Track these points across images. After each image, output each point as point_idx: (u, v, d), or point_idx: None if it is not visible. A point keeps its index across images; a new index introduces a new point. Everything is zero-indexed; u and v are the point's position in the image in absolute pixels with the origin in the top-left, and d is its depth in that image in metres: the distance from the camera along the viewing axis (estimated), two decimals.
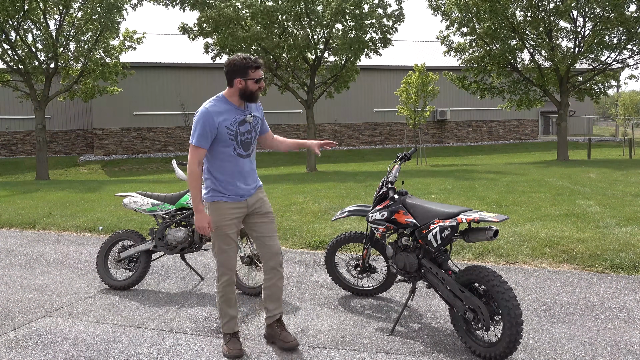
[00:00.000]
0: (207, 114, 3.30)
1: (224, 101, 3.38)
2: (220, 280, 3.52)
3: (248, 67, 3.31)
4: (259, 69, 3.35)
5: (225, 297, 3.53)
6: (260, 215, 3.58)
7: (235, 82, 3.34)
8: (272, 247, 3.58)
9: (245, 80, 3.33)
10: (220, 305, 3.55)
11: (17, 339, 3.82)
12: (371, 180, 13.49)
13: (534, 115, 33.94)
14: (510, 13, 19.73)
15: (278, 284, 3.61)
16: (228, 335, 3.55)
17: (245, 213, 3.53)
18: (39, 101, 19.34)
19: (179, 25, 19.03)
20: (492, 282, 3.25)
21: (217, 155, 3.39)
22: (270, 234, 3.59)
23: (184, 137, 27.87)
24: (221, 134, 3.33)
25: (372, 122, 30.99)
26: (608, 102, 58.82)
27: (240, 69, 3.32)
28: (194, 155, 3.32)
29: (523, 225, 6.82)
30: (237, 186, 3.45)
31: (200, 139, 3.30)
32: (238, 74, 3.32)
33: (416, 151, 10.43)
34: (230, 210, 3.45)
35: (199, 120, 3.31)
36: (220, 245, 3.47)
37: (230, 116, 3.36)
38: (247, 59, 3.33)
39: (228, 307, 3.54)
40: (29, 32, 19.30)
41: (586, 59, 20.55)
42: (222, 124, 3.32)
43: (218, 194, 3.43)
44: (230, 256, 3.50)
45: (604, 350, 3.40)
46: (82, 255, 6.39)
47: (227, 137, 3.34)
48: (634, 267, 5.10)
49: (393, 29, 19.19)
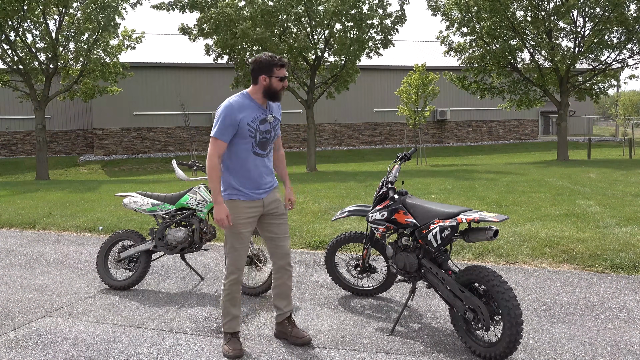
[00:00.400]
0: (231, 108, 3.32)
1: (247, 98, 3.40)
2: (228, 278, 3.51)
3: (273, 64, 3.35)
4: (283, 67, 3.39)
5: (230, 296, 3.53)
6: (276, 217, 3.60)
7: (260, 79, 3.37)
8: (284, 247, 3.63)
9: (270, 77, 3.36)
10: (224, 303, 3.54)
11: (17, 339, 3.82)
12: (371, 180, 13.49)
13: (534, 115, 33.94)
14: (511, 13, 19.73)
15: (287, 282, 3.66)
16: (229, 334, 3.55)
17: (260, 212, 3.53)
18: (39, 101, 19.33)
19: (179, 27, 19.03)
20: (492, 282, 3.25)
21: (235, 152, 3.40)
22: (283, 235, 3.63)
23: (184, 137, 27.88)
24: (242, 129, 3.34)
25: (372, 122, 30.98)
26: (608, 102, 58.82)
27: (266, 66, 3.35)
28: (214, 147, 3.33)
29: (523, 225, 6.82)
30: (253, 184, 3.45)
31: (221, 131, 3.31)
32: (263, 71, 3.35)
33: (416, 151, 10.43)
34: (247, 209, 3.45)
35: (222, 113, 3.32)
36: (233, 243, 3.47)
37: (252, 113, 3.38)
38: (272, 57, 3.38)
39: (232, 306, 3.53)
40: (28, 32, 19.31)
41: (586, 59, 20.55)
42: (243, 119, 3.33)
43: (235, 192, 3.44)
44: (241, 255, 3.50)
45: (604, 350, 3.40)
46: (82, 255, 6.39)
47: (247, 133, 3.36)
48: (634, 267, 5.10)
49: (394, 30, 19.18)
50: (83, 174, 23.29)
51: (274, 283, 3.68)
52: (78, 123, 28.28)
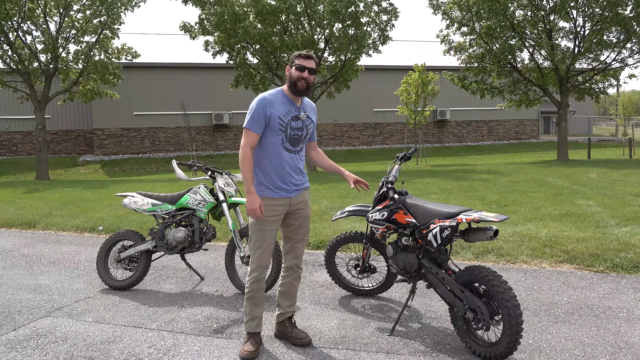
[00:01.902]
0: (263, 100, 3.35)
1: (281, 93, 3.44)
2: (251, 276, 3.49)
3: (297, 55, 3.42)
4: (306, 59, 3.40)
5: (252, 294, 3.50)
6: (299, 218, 3.58)
7: (287, 71, 3.44)
8: (300, 249, 3.64)
9: (291, 67, 3.40)
10: (246, 301, 3.53)
11: (17, 339, 3.82)
12: (371, 180, 13.49)
13: (534, 115, 33.94)
14: (510, 13, 19.73)
15: (294, 282, 3.67)
16: (249, 334, 3.54)
17: (287, 211, 3.50)
18: (39, 101, 19.34)
19: (180, 24, 19.05)
20: (492, 282, 3.25)
21: (265, 146, 3.39)
22: (302, 237, 3.63)
23: (184, 137, 27.88)
24: (273, 122, 3.34)
25: (372, 122, 30.99)
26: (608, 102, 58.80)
27: (292, 58, 3.44)
28: (246, 138, 3.34)
29: (523, 225, 6.81)
30: (282, 180, 3.43)
31: (252, 122, 3.33)
32: (289, 63, 3.43)
33: (416, 151, 10.43)
34: (275, 206, 3.43)
35: (254, 105, 3.36)
36: (258, 240, 3.44)
37: (284, 107, 3.39)
38: (299, 52, 3.47)
39: (253, 306, 3.52)
40: (29, 34, 19.31)
41: (586, 59, 20.56)
42: (274, 112, 3.34)
43: (264, 188, 3.42)
44: (265, 253, 3.47)
45: (604, 350, 3.40)
46: (82, 255, 6.39)
47: (277, 127, 3.36)
48: (634, 267, 5.10)
49: (390, 25, 19.21)
50: (83, 174, 23.29)
51: (282, 281, 3.68)
52: (78, 123, 28.29)
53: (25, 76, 19.05)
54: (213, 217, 4.89)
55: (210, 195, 4.81)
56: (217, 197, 4.78)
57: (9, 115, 26.95)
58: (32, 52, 18.98)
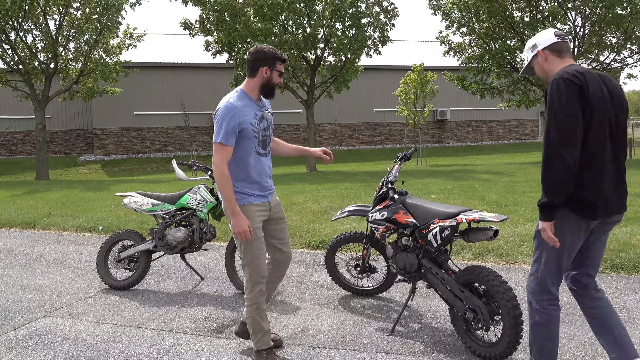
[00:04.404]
0: (233, 109, 3.06)
1: (245, 96, 3.17)
2: (254, 290, 3.23)
3: (277, 58, 3.17)
4: (284, 63, 3.24)
5: (259, 309, 3.25)
6: (279, 221, 3.47)
7: (260, 71, 3.15)
8: (288, 253, 3.52)
9: (272, 70, 3.16)
10: (253, 318, 3.25)
11: (17, 339, 3.82)
12: (371, 180, 13.49)
13: (534, 115, 33.94)
14: (509, 14, 19.73)
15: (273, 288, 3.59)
16: (264, 351, 3.29)
17: (268, 216, 3.37)
18: (39, 101, 19.33)
19: (181, 21, 19.07)
20: (492, 282, 3.25)
21: (239, 155, 3.16)
22: (287, 240, 3.52)
23: (184, 137, 27.88)
24: (247, 130, 3.11)
25: (372, 122, 30.98)
26: None
27: (269, 58, 3.15)
28: (221, 154, 3.05)
29: (523, 225, 6.82)
30: (261, 186, 3.27)
31: (228, 135, 3.03)
32: (266, 63, 3.15)
33: (416, 151, 10.44)
34: (259, 212, 3.27)
35: (225, 115, 3.04)
36: (253, 250, 3.20)
37: (252, 112, 3.16)
38: (276, 50, 3.19)
39: (262, 320, 3.27)
40: (28, 33, 19.31)
41: (585, 59, 20.55)
42: (247, 120, 3.10)
43: (246, 196, 3.21)
44: (263, 262, 3.26)
45: (604, 351, 3.39)
46: (82, 255, 6.39)
47: (252, 134, 3.13)
48: (634, 267, 5.10)
49: (390, 25, 19.22)
50: (83, 174, 23.29)
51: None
52: (78, 123, 28.28)
53: (25, 75, 19.04)
54: (213, 217, 4.89)
55: (211, 195, 4.81)
56: (217, 197, 4.78)
57: (9, 115, 26.95)
58: (32, 51, 18.98)
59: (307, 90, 19.81)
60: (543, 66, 2.79)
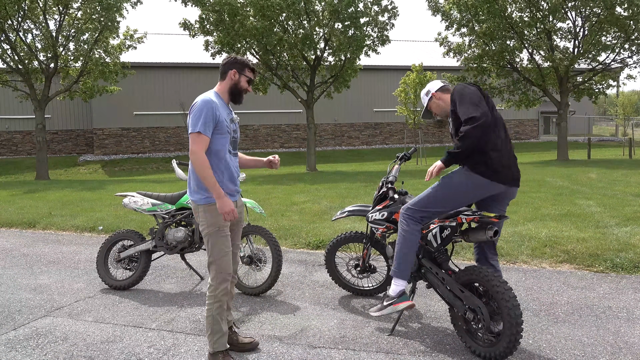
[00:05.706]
0: (211, 102, 3.19)
1: (217, 96, 3.31)
2: (219, 288, 3.24)
3: (246, 65, 3.34)
4: (254, 72, 3.37)
5: (221, 307, 3.25)
6: (239, 224, 3.51)
7: (229, 73, 3.31)
8: (237, 255, 3.56)
9: (240, 74, 3.32)
10: (214, 317, 3.24)
11: (17, 339, 3.82)
12: (371, 180, 13.49)
13: (534, 115, 33.95)
14: (509, 14, 19.73)
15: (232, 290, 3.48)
16: (220, 354, 3.26)
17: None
18: (39, 101, 19.34)
19: (180, 22, 19.07)
20: (492, 282, 3.25)
21: (214, 150, 3.23)
22: (238, 242, 3.56)
23: (184, 137, 27.87)
24: (222, 124, 3.22)
25: (372, 122, 31.00)
26: (607, 102, 58.82)
27: (239, 63, 3.33)
28: (199, 143, 3.13)
29: (523, 225, 6.82)
30: (230, 185, 3.32)
31: (205, 126, 3.14)
32: (235, 67, 3.32)
33: (416, 151, 10.44)
34: None
35: (202, 108, 3.16)
36: (222, 247, 3.24)
37: (224, 110, 3.29)
38: (247, 59, 3.37)
39: (222, 320, 3.26)
40: (28, 32, 19.30)
41: (585, 60, 20.56)
42: (221, 116, 3.22)
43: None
44: (230, 259, 3.30)
45: (604, 350, 3.40)
46: (82, 255, 6.40)
47: (225, 130, 3.24)
48: (634, 267, 5.10)
49: (390, 25, 19.20)
50: (83, 174, 23.29)
51: None
52: (78, 123, 28.30)
53: (25, 75, 19.04)
54: None
55: None
56: None
57: (9, 115, 26.96)
58: (31, 51, 18.98)
59: (307, 90, 19.81)
60: (439, 103, 3.64)
